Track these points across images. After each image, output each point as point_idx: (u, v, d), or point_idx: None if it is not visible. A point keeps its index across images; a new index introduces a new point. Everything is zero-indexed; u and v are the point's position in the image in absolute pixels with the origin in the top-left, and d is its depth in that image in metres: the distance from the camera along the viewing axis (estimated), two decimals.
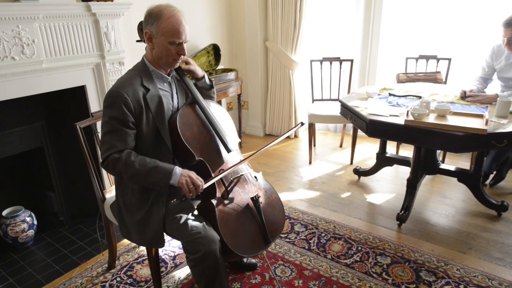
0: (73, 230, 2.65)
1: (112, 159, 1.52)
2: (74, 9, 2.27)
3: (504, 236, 2.39)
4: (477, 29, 3.33)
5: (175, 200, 1.54)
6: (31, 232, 2.47)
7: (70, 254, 2.38)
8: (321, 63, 3.63)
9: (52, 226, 2.66)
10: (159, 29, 1.53)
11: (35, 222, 2.50)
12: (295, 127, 2.15)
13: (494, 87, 2.97)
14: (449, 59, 3.35)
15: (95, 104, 2.56)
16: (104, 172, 2.16)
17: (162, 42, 1.55)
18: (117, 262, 2.25)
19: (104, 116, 1.56)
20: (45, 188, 2.66)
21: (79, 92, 2.51)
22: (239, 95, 3.93)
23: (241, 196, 1.74)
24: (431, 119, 2.25)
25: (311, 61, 3.65)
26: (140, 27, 1.79)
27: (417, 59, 3.47)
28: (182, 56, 1.62)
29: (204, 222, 1.61)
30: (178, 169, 1.54)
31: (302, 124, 2.10)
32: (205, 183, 1.57)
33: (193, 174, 1.55)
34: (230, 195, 1.70)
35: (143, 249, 2.36)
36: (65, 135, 2.57)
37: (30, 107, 2.40)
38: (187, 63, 1.74)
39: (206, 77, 1.87)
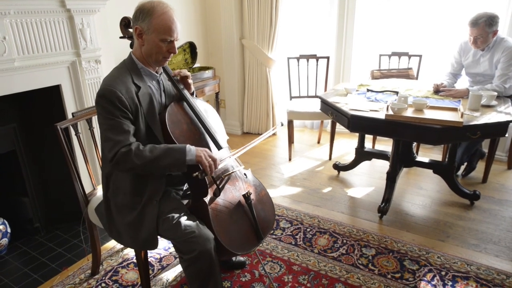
0: (50, 236, 2.53)
1: (122, 154, 1.46)
2: (47, 5, 2.16)
3: (477, 223, 2.52)
4: (446, 27, 3.49)
5: (197, 173, 1.50)
6: (5, 241, 2.33)
7: (49, 262, 2.27)
8: (298, 61, 3.67)
9: (27, 234, 2.53)
10: (151, 26, 1.50)
11: (9, 230, 2.36)
12: (274, 128, 2.11)
13: (463, 83, 3.12)
14: (420, 56, 3.48)
15: (71, 104, 2.45)
16: (85, 174, 2.08)
17: (153, 39, 1.52)
18: (100, 267, 2.17)
19: (100, 115, 1.50)
20: (18, 194, 2.52)
21: (54, 92, 2.39)
22: (217, 94, 3.90)
23: (233, 193, 1.73)
24: (409, 113, 2.33)
25: (288, 58, 3.68)
26: (124, 23, 1.74)
27: (389, 56, 3.58)
28: (171, 55, 1.60)
29: (197, 221, 1.58)
30: (192, 146, 1.52)
31: (282, 124, 2.10)
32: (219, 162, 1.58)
33: (208, 150, 1.55)
34: (222, 193, 1.68)
35: (127, 253, 2.29)
36: (39, 137, 2.45)
37: (1, 109, 2.27)
38: (188, 77, 1.76)
39: (195, 93, 1.90)
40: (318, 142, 4.03)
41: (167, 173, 1.60)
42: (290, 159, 3.61)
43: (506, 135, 2.26)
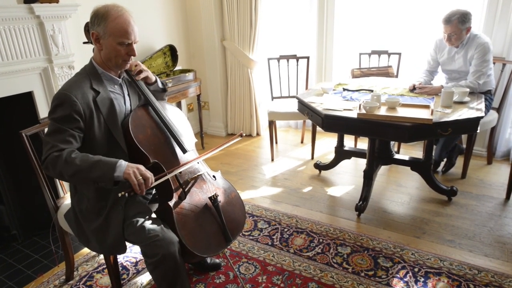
0: (27, 243, 2.52)
1: (52, 158, 1.41)
2: (15, 12, 2.16)
3: (454, 219, 2.54)
4: (424, 25, 3.50)
5: (123, 193, 1.40)
6: None
7: (24, 269, 2.27)
8: (278, 61, 3.69)
9: (3, 241, 2.52)
10: (106, 30, 1.49)
11: None
12: (235, 139, 1.86)
13: (440, 79, 3.14)
14: (399, 54, 3.50)
15: (44, 110, 2.45)
16: (57, 180, 2.08)
17: (111, 43, 1.51)
18: (76, 273, 2.17)
19: (49, 119, 1.49)
20: None
21: (27, 99, 2.39)
22: (198, 96, 3.90)
23: (199, 196, 1.73)
24: (382, 111, 2.35)
25: (269, 59, 3.69)
26: (87, 29, 1.74)
27: (369, 54, 3.60)
28: (132, 57, 1.60)
29: (162, 225, 1.58)
30: (124, 162, 1.44)
31: (241, 135, 1.90)
32: (155, 180, 1.48)
33: (142, 167, 1.46)
34: (188, 196, 1.69)
35: (103, 258, 2.29)
36: (13, 144, 2.44)
37: None
38: (140, 71, 1.70)
39: (159, 80, 1.86)
40: (302, 142, 4.04)
41: (96, 185, 1.51)
42: (272, 160, 3.62)
43: (478, 131, 2.28)
